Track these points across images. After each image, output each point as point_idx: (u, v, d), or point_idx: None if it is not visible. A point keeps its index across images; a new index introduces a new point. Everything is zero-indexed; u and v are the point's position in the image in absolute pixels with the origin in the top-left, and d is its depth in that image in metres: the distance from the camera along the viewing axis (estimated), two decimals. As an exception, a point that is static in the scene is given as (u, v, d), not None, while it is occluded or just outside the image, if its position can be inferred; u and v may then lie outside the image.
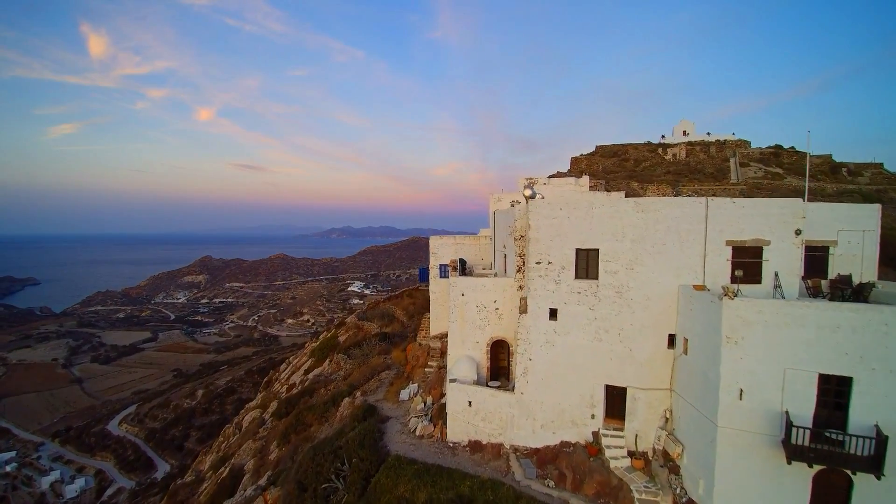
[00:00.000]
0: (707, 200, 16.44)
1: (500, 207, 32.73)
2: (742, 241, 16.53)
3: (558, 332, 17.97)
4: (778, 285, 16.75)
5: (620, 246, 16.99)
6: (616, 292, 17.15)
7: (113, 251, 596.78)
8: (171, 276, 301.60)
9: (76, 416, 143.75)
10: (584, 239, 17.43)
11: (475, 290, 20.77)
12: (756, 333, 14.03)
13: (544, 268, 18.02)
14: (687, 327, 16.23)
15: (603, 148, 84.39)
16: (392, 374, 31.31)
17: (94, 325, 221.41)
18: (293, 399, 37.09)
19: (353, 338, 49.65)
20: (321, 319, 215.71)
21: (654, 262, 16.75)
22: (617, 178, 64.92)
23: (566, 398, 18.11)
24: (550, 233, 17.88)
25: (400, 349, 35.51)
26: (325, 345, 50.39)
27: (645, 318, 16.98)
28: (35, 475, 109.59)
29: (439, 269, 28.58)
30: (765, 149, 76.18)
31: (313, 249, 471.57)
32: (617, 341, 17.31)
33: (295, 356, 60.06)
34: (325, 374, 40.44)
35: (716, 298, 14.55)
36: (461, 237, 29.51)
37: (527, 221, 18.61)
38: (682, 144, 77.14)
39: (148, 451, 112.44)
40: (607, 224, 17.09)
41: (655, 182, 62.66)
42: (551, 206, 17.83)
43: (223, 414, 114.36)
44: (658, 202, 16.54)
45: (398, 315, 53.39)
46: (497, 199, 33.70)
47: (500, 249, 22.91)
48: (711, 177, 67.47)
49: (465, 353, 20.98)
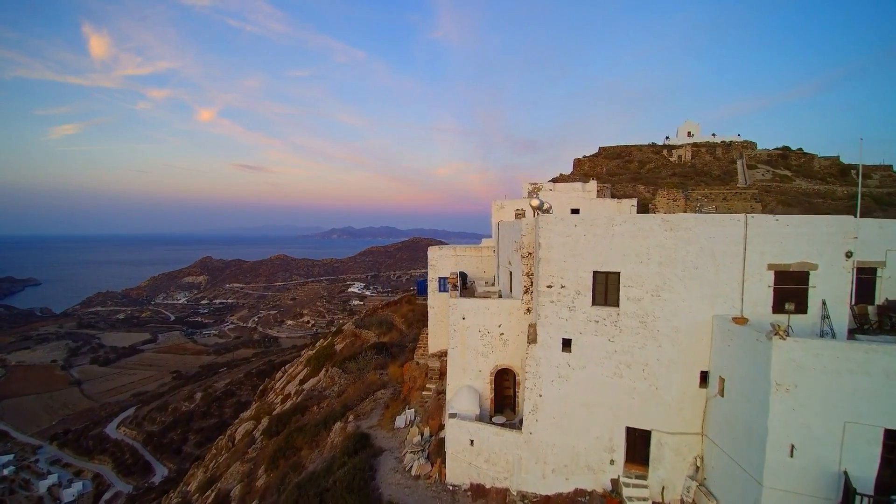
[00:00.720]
0: (746, 218, 14.11)
1: (502, 215, 30.34)
2: (786, 264, 14.21)
3: (572, 365, 15.64)
4: (826, 315, 14.45)
5: (645, 269, 14.65)
6: (640, 322, 14.81)
7: (114, 251, 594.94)
8: (172, 276, 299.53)
9: (75, 418, 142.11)
10: (602, 260, 15.10)
11: (477, 314, 18.46)
12: (812, 380, 11.71)
13: (556, 292, 15.69)
14: (723, 365, 13.92)
15: (606, 149, 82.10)
16: (388, 395, 29.04)
17: (94, 327, 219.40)
18: (284, 417, 34.84)
19: (349, 346, 47.41)
20: (321, 321, 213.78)
21: (684, 289, 14.41)
22: (622, 181, 62.69)
23: (581, 440, 15.79)
24: (564, 252, 15.56)
25: (397, 364, 33.27)
26: (322, 353, 48.17)
27: (673, 353, 14.64)
28: (33, 479, 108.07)
29: (438, 282, 26.28)
30: (772, 150, 73.88)
31: (314, 250, 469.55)
32: (640, 378, 14.98)
33: (291, 364, 57.82)
34: (319, 389, 38.19)
35: (762, 336, 12.22)
36: (462, 248, 27.15)
37: (536, 238, 16.30)
38: (688, 146, 74.84)
39: (146, 455, 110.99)
40: (630, 244, 14.76)
41: (663, 185, 60.33)
42: (565, 222, 15.51)
43: (222, 417, 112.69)
44: (689, 219, 14.20)
45: (397, 323, 51.13)
46: (499, 205, 31.39)
47: (505, 265, 20.61)
48: (718, 179, 65.21)
49: (465, 383, 18.68)
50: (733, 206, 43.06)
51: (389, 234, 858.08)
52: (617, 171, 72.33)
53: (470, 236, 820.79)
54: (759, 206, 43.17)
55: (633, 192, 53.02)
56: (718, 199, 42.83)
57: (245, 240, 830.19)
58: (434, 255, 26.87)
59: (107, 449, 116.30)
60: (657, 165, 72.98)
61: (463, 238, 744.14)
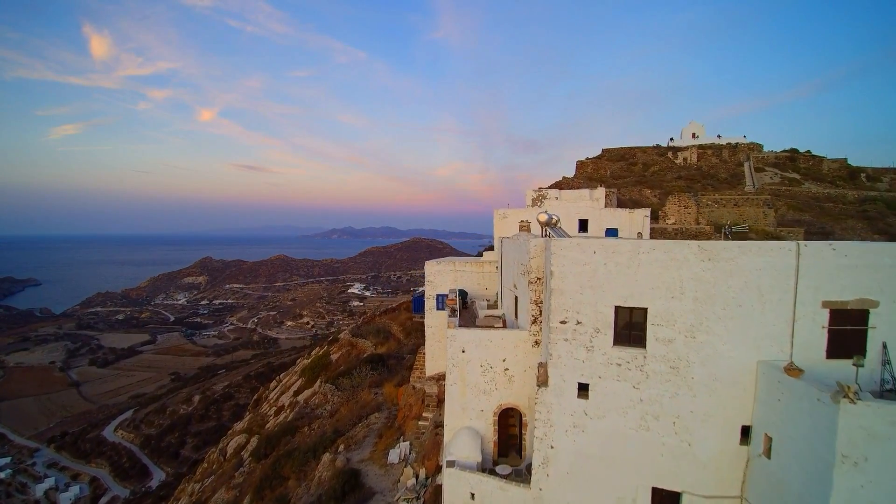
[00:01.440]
0: (798, 246, 11.79)
1: (505, 227, 27.97)
2: (843, 301, 11.93)
3: (590, 414, 13.35)
4: (887, 361, 12.19)
5: (678, 305, 12.32)
6: (671, 367, 12.50)
7: (114, 252, 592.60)
8: (172, 277, 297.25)
9: (72, 420, 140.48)
10: (626, 294, 12.78)
11: (479, 346, 16.15)
12: (886, 452, 9.49)
13: (571, 329, 13.38)
14: (771, 421, 11.63)
15: (609, 151, 79.72)
16: (382, 420, 26.80)
17: (93, 327, 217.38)
18: (274, 438, 32.66)
19: (345, 357, 45.33)
20: (321, 322, 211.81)
21: (724, 330, 12.09)
22: (626, 184, 60.40)
23: (599, 500, 13.52)
24: (580, 283, 13.25)
25: (392, 383, 31.03)
26: (317, 364, 46.03)
27: (710, 404, 12.34)
28: (29, 482, 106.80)
29: (436, 299, 24.00)
30: (780, 153, 71.47)
31: (314, 250, 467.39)
32: (670, 432, 12.69)
33: (286, 374, 55.63)
34: (311, 406, 36.04)
35: (825, 397, 9.94)
36: (461, 262, 24.81)
37: (547, 265, 14.02)
38: (693, 148, 72.44)
39: (143, 459, 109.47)
40: (660, 275, 12.44)
41: (668, 189, 57.93)
42: (581, 247, 13.18)
43: (220, 420, 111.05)
44: (732, 248, 11.87)
45: (395, 332, 49.01)
46: (502, 215, 29.03)
47: (510, 288, 18.32)
48: (726, 183, 62.88)
49: (465, 424, 16.40)
50: (745, 213, 40.86)
51: (390, 234, 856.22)
52: (621, 173, 69.98)
53: (470, 236, 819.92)
54: (771, 212, 40.93)
55: (639, 197, 50.72)
56: (729, 204, 40.56)
57: (245, 240, 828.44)
58: (432, 270, 24.52)
59: (104, 452, 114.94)
60: (662, 168, 70.58)
61: (463, 238, 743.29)
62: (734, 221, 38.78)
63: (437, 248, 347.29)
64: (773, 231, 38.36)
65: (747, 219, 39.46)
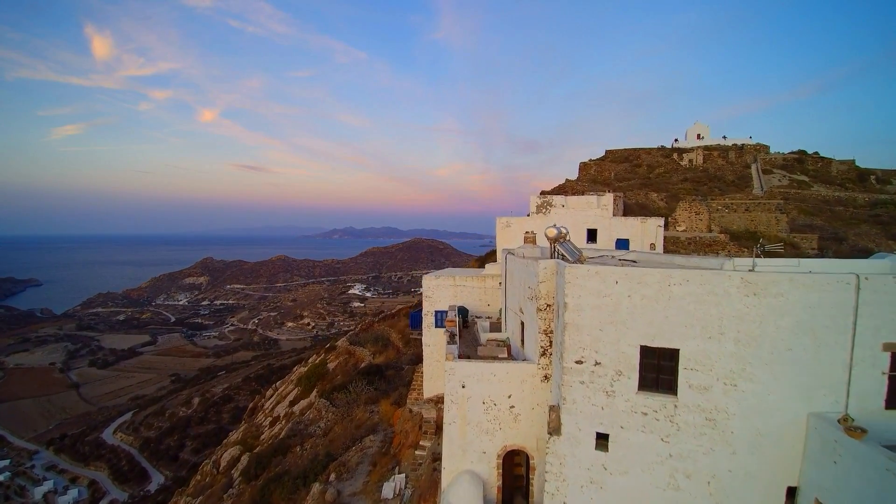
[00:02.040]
0: (858, 280, 9.94)
1: (508, 236, 26.08)
2: (908, 342, 10.09)
3: (610, 469, 11.50)
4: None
5: (716, 347, 10.44)
6: (706, 419, 10.63)
7: (115, 252, 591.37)
8: (173, 277, 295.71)
9: (72, 422, 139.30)
10: (654, 332, 10.92)
11: (481, 381, 14.28)
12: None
13: (589, 370, 11.52)
14: (823, 485, 9.79)
15: (613, 153, 77.74)
16: (377, 444, 24.99)
17: (94, 328, 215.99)
18: (264, 458, 30.86)
19: (342, 366, 43.55)
20: (321, 322, 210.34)
21: (771, 377, 10.20)
22: (632, 187, 58.51)
23: (620, 566, 11.71)
24: (600, 318, 11.39)
25: (389, 401, 29.22)
26: (313, 373, 44.23)
27: (752, 462, 10.48)
28: (28, 485, 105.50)
29: (435, 316, 22.14)
30: (787, 154, 69.49)
31: (315, 251, 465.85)
32: (704, 493, 10.82)
33: (282, 382, 53.89)
34: (305, 422, 34.24)
35: (891, 464, 8.14)
36: (462, 277, 22.92)
37: (560, 294, 12.17)
38: (699, 149, 70.44)
39: (142, 462, 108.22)
40: (695, 311, 10.56)
41: (674, 191, 56.02)
42: (601, 276, 11.32)
43: (219, 423, 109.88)
44: (782, 281, 9.97)
45: (393, 339, 47.23)
46: (505, 223, 27.12)
47: (515, 311, 16.50)
48: (733, 185, 60.96)
49: (466, 467, 14.58)
50: (756, 218, 38.96)
51: (391, 234, 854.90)
52: (625, 175, 68.05)
53: (471, 237, 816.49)
54: (783, 217, 39.01)
55: (645, 200, 48.86)
56: (740, 209, 38.65)
57: (246, 240, 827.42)
58: (430, 284, 22.61)
59: (103, 455, 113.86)
60: (667, 170, 68.64)
61: (464, 238, 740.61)
62: (745, 227, 36.94)
63: (438, 249, 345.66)
64: (786, 237, 36.49)
65: (759, 224, 37.60)
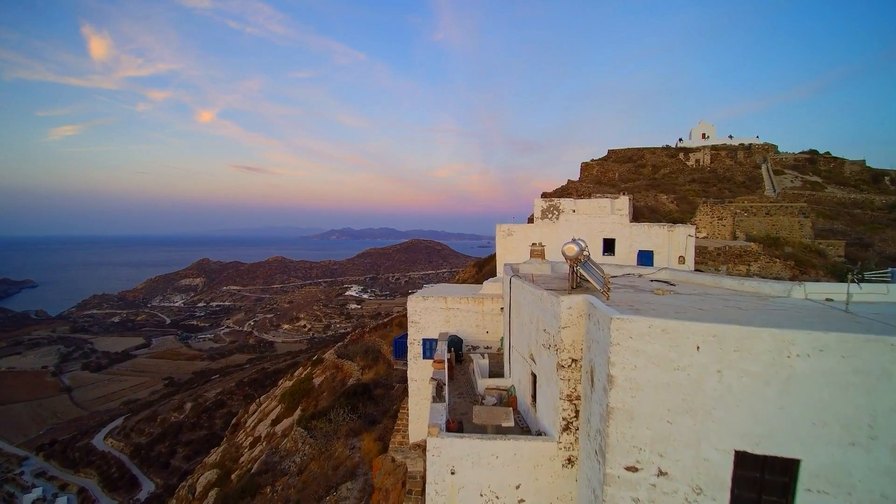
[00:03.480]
0: None
1: (510, 246, 22.64)
2: None
3: None
4: None
5: (862, 460, 6.68)
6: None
7: (112, 253, 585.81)
8: (169, 279, 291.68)
9: (63, 427, 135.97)
10: (760, 430, 7.03)
11: (478, 465, 10.22)
12: None
13: (647, 482, 7.66)
14: None
15: (616, 153, 74.74)
16: (354, 494, 21.63)
17: (88, 331, 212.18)
18: (231, 499, 27.46)
19: (328, 382, 40.32)
20: (318, 325, 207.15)
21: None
22: (638, 188, 55.59)
23: None
24: (668, 403, 7.41)
25: (372, 437, 25.70)
26: (297, 389, 40.99)
27: None
28: (17, 492, 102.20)
29: (423, 345, 18.10)
30: (798, 154, 66.61)
31: (313, 252, 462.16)
32: None
33: (266, 397, 50.66)
34: (281, 454, 30.90)
35: None
36: (454, 298, 18.55)
37: (604, 361, 8.10)
38: (706, 149, 67.49)
39: (133, 469, 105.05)
40: (831, 399, 6.73)
41: (683, 193, 53.05)
42: (673, 336, 7.27)
43: (211, 429, 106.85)
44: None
45: (384, 352, 44.02)
46: (506, 231, 23.63)
47: (524, 356, 12.86)
48: (743, 186, 58.08)
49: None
50: (778, 223, 35.99)
51: (388, 234, 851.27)
52: (629, 176, 65.10)
53: (469, 237, 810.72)
54: (807, 221, 36.02)
55: (654, 203, 45.91)
56: (760, 213, 35.65)
57: (243, 241, 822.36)
58: (417, 307, 18.42)
59: (93, 462, 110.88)
60: (673, 170, 65.70)
61: (462, 239, 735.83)
62: (766, 232, 33.89)
63: (436, 250, 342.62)
64: (810, 243, 33.54)
65: (780, 229, 34.63)
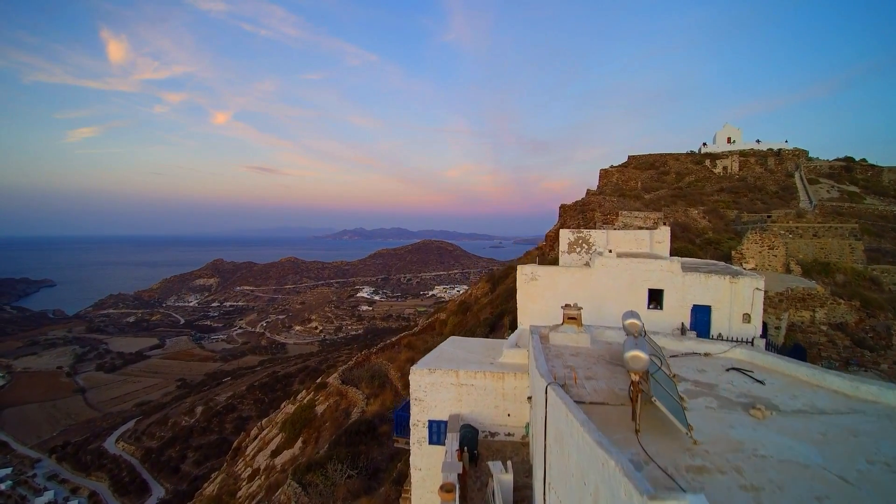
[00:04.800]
0: None
1: (534, 294, 18.07)
2: None
3: None
4: None
5: None
6: None
7: (129, 253, 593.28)
8: (184, 279, 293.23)
9: (76, 429, 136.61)
10: None
11: None
12: None
13: None
14: None
15: (637, 158, 70.80)
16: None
17: (103, 331, 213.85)
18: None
19: (332, 410, 37.45)
20: (329, 326, 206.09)
21: None
22: (663, 199, 51.85)
23: None
24: None
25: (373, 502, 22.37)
26: (299, 417, 38.18)
27: None
28: (29, 495, 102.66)
29: (429, 427, 14.04)
30: (833, 161, 62.01)
31: (325, 252, 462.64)
32: None
33: (268, 420, 48.11)
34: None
35: None
36: (467, 373, 14.03)
37: None
38: (735, 155, 63.17)
39: (143, 473, 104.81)
40: None
41: (712, 206, 49.14)
42: None
43: (222, 434, 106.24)
44: None
45: (392, 377, 41.09)
46: (530, 276, 18.84)
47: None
48: (777, 197, 53.91)
49: None
50: (827, 245, 32.16)
51: (400, 234, 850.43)
52: (652, 184, 61.24)
53: (481, 237, 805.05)
54: (860, 245, 32.12)
55: (685, 219, 42.05)
56: (807, 234, 31.76)
57: (257, 241, 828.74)
58: (422, 382, 14.09)
59: (104, 465, 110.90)
60: (699, 178, 61.64)
61: (474, 240, 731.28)
62: (814, 256, 30.15)
63: (448, 251, 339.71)
64: (863, 270, 29.70)
65: (830, 253, 30.83)
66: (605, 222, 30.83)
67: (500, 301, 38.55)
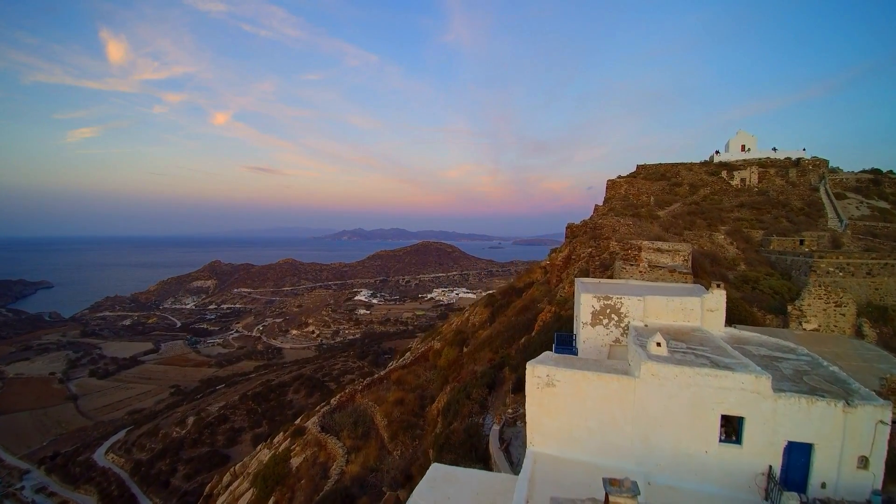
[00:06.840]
0: None
1: (551, 409, 12.74)
2: None
3: None
4: None
5: None
6: None
7: (127, 254, 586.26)
8: (181, 280, 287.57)
9: (66, 439, 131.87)
10: None
11: None
12: None
13: None
14: None
15: (646, 168, 65.61)
16: None
17: (97, 335, 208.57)
18: None
19: (307, 465, 32.35)
20: (326, 330, 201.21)
21: None
22: (679, 216, 46.75)
23: None
24: None
25: None
26: (270, 473, 32.93)
27: None
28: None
29: None
30: (860, 174, 56.80)
31: (324, 253, 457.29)
32: None
33: (242, 467, 42.89)
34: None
35: None
36: None
37: None
38: (753, 166, 57.93)
39: (132, 487, 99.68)
40: None
41: (734, 226, 43.99)
42: None
43: (213, 446, 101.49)
44: None
45: (378, 423, 35.56)
46: (545, 380, 11.78)
47: None
48: (802, 214, 48.79)
49: None
50: (882, 285, 27.08)
51: (399, 235, 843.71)
52: (664, 197, 56.16)
53: (480, 238, 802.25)
54: (920, 280, 27.12)
55: (710, 245, 36.97)
56: (860, 272, 26.65)
57: (255, 242, 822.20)
58: None
59: (93, 478, 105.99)
60: (715, 191, 56.51)
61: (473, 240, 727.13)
62: (868, 298, 25.19)
63: (447, 252, 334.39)
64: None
65: (885, 294, 25.88)
66: (626, 259, 25.82)
67: (500, 340, 33.40)
